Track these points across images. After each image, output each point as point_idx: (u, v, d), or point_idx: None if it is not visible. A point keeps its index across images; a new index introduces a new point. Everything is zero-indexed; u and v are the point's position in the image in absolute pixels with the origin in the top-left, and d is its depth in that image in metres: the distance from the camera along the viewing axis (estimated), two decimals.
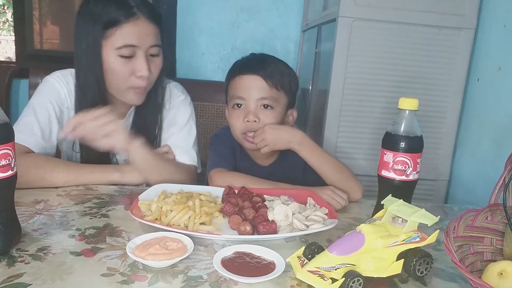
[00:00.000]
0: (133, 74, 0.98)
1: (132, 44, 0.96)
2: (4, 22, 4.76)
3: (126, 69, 0.97)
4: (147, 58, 0.99)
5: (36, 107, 1.03)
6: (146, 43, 0.98)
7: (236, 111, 1.10)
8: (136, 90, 1.01)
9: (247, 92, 1.08)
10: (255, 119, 1.07)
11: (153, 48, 1.00)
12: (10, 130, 0.62)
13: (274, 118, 1.09)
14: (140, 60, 0.98)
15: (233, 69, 1.15)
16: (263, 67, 1.09)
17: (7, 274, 0.58)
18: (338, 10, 1.31)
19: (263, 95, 1.07)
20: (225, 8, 2.07)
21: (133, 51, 0.97)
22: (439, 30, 1.33)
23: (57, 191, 0.91)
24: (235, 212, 0.80)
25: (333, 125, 1.37)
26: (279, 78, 1.09)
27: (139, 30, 0.96)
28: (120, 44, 0.95)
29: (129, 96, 1.02)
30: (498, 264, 0.59)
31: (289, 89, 1.12)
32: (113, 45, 0.96)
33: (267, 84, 1.07)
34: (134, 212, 0.76)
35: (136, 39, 0.96)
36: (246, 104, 1.09)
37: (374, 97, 1.36)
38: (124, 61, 0.97)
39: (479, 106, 1.34)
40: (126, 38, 0.95)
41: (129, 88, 1.00)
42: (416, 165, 0.78)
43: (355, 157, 1.40)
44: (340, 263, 0.59)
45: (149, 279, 0.59)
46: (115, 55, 0.96)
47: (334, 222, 0.77)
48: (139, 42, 0.97)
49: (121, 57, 0.96)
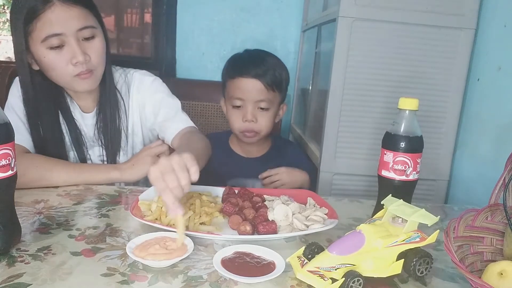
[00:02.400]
0: (70, 63, 0.96)
1: (55, 33, 0.92)
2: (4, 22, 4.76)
3: (60, 60, 0.95)
4: (79, 43, 0.95)
5: (14, 106, 1.04)
6: (71, 28, 0.93)
7: (236, 111, 1.22)
8: (81, 76, 0.98)
9: (246, 95, 1.19)
10: (253, 119, 1.20)
11: (83, 31, 0.95)
12: (10, 130, 0.62)
13: (269, 118, 1.24)
14: (70, 46, 0.94)
15: (232, 68, 1.24)
16: (261, 69, 1.19)
17: (7, 274, 0.58)
18: (338, 10, 1.30)
19: (261, 98, 1.19)
20: (225, 8, 2.07)
21: (60, 39, 0.94)
22: (439, 30, 1.33)
23: (57, 191, 0.91)
24: (235, 212, 0.80)
25: (333, 125, 1.37)
26: (274, 79, 1.20)
27: (58, 16, 0.92)
28: (43, 36, 0.93)
29: (77, 84, 0.99)
30: (498, 264, 0.59)
31: (283, 87, 1.25)
32: (38, 39, 0.93)
33: (264, 86, 1.19)
34: (134, 212, 0.76)
35: (58, 26, 0.92)
36: (245, 105, 1.21)
37: (374, 97, 1.36)
38: (56, 52, 0.94)
39: (479, 106, 1.33)
40: (47, 28, 0.92)
41: (73, 77, 0.98)
42: (416, 165, 0.78)
43: (355, 157, 1.39)
44: (340, 263, 0.59)
45: (149, 279, 0.59)
46: (44, 48, 0.94)
47: (334, 222, 0.77)
48: (63, 28, 0.93)
49: (50, 49, 0.94)
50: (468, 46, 1.34)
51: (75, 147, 1.08)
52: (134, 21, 2.32)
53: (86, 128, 1.10)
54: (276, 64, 1.24)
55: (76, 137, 1.08)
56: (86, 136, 1.09)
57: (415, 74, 1.36)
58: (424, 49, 1.34)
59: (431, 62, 1.35)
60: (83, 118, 1.10)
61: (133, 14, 2.31)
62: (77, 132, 1.08)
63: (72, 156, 1.09)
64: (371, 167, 1.28)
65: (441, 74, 1.36)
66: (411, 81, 1.36)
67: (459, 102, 1.38)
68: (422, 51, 1.34)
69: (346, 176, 1.41)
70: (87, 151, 1.10)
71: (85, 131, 1.10)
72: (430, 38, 1.33)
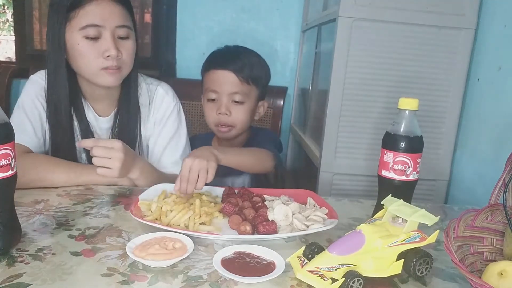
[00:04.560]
0: (101, 56, 0.97)
1: (95, 23, 0.95)
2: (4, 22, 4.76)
3: (93, 50, 0.97)
4: (115, 39, 0.98)
5: (25, 106, 1.04)
6: (111, 23, 0.97)
7: (210, 104, 1.22)
8: (109, 71, 0.99)
9: (220, 87, 1.18)
10: (226, 112, 1.19)
11: (120, 29, 0.99)
12: (10, 130, 0.62)
13: (244, 112, 1.21)
14: (106, 40, 0.97)
15: (208, 62, 1.24)
16: (235, 62, 1.17)
17: (7, 274, 0.58)
18: (338, 10, 1.30)
19: (235, 90, 1.18)
20: (225, 8, 2.07)
21: (98, 31, 0.96)
22: (439, 30, 1.33)
23: (57, 191, 0.91)
24: (235, 212, 0.80)
25: (333, 125, 1.37)
26: (250, 73, 1.18)
27: (102, 9, 0.96)
28: (83, 24, 0.95)
29: (102, 77, 1.00)
30: (498, 264, 0.59)
31: (260, 82, 1.22)
32: (77, 26, 0.95)
33: (238, 79, 1.17)
34: (134, 212, 0.76)
35: (99, 18, 0.96)
36: (219, 98, 1.19)
37: (374, 97, 1.36)
38: (90, 42, 0.96)
39: (479, 106, 1.33)
40: (89, 18, 0.95)
41: (101, 69, 0.99)
42: (416, 165, 0.78)
43: (355, 157, 1.40)
44: (340, 263, 0.59)
45: (149, 279, 0.59)
46: (80, 36, 0.96)
47: (334, 222, 0.77)
48: (103, 21, 0.96)
49: (86, 38, 0.96)
50: (468, 46, 1.34)
51: (85, 149, 1.08)
52: None
53: (100, 131, 1.11)
54: (255, 60, 1.22)
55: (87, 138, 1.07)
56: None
57: (415, 74, 1.36)
58: (424, 49, 1.34)
59: (431, 62, 1.35)
60: (97, 121, 1.10)
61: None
62: (88, 134, 1.08)
63: (84, 158, 1.09)
64: (371, 167, 1.28)
65: (441, 74, 1.36)
66: (411, 81, 1.36)
67: (459, 102, 1.38)
68: (422, 51, 1.34)
69: (346, 176, 1.41)
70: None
71: (99, 134, 1.10)
72: (430, 38, 1.33)
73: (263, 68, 1.24)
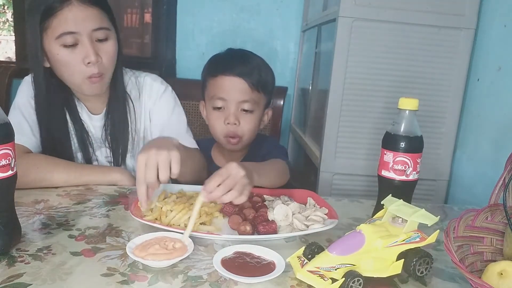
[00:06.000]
0: (82, 63, 0.96)
1: (70, 30, 0.93)
2: (4, 22, 4.76)
3: (73, 58, 0.95)
4: (93, 43, 0.96)
5: (21, 106, 1.04)
6: (87, 28, 0.94)
7: (216, 113, 1.10)
8: (92, 79, 0.98)
9: (229, 94, 1.08)
10: (235, 121, 1.08)
11: (97, 32, 0.96)
12: (10, 130, 0.62)
13: (253, 122, 1.11)
14: (84, 46, 0.95)
15: (214, 66, 1.13)
16: (245, 68, 1.08)
17: (7, 274, 0.58)
18: (338, 10, 1.31)
19: (245, 98, 1.08)
20: (225, 8, 2.07)
21: (75, 38, 0.94)
22: (439, 30, 1.33)
23: (57, 191, 0.91)
24: (235, 212, 0.80)
25: (333, 125, 1.37)
26: (260, 79, 1.09)
27: (75, 15, 0.93)
28: (59, 32, 0.93)
29: (86, 87, 1.00)
30: (498, 264, 0.59)
31: (268, 89, 1.13)
32: (53, 35, 0.94)
33: (249, 86, 1.08)
34: (134, 212, 0.76)
35: (73, 24, 0.93)
36: (227, 106, 1.09)
37: (374, 97, 1.36)
38: (69, 50, 0.95)
39: (479, 106, 1.34)
40: (63, 26, 0.93)
41: (84, 79, 0.98)
42: (416, 165, 0.78)
43: (355, 157, 1.40)
44: (340, 263, 0.59)
45: (149, 279, 0.59)
46: (58, 45, 0.94)
47: (334, 222, 0.77)
48: (78, 27, 0.94)
49: (64, 46, 0.94)
50: (468, 46, 1.34)
51: (81, 148, 1.08)
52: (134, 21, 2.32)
53: (94, 130, 1.10)
54: (262, 64, 1.14)
55: (82, 138, 1.08)
56: (93, 137, 1.09)
57: (415, 74, 1.36)
58: (424, 49, 1.34)
59: (431, 62, 1.35)
60: (91, 119, 1.10)
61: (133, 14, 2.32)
62: (83, 133, 1.08)
63: (80, 157, 1.09)
64: (371, 167, 1.29)
65: (441, 74, 1.36)
66: (411, 81, 1.36)
67: (459, 102, 1.38)
68: (422, 51, 1.34)
69: (346, 176, 1.41)
70: (94, 152, 1.10)
71: (93, 133, 1.10)
72: (430, 38, 1.33)
73: (270, 73, 1.16)
